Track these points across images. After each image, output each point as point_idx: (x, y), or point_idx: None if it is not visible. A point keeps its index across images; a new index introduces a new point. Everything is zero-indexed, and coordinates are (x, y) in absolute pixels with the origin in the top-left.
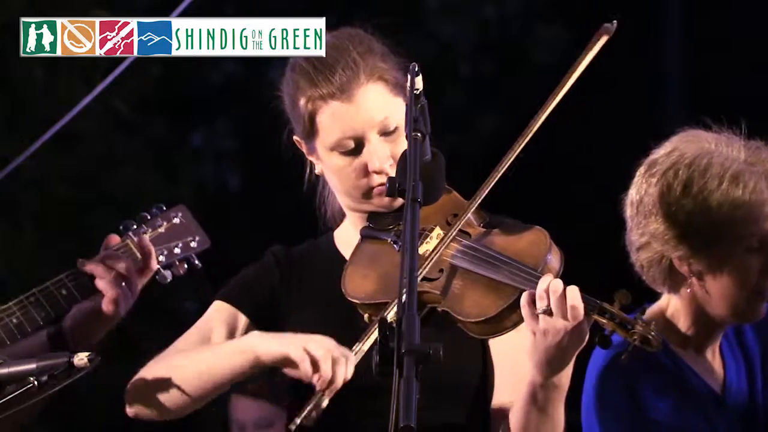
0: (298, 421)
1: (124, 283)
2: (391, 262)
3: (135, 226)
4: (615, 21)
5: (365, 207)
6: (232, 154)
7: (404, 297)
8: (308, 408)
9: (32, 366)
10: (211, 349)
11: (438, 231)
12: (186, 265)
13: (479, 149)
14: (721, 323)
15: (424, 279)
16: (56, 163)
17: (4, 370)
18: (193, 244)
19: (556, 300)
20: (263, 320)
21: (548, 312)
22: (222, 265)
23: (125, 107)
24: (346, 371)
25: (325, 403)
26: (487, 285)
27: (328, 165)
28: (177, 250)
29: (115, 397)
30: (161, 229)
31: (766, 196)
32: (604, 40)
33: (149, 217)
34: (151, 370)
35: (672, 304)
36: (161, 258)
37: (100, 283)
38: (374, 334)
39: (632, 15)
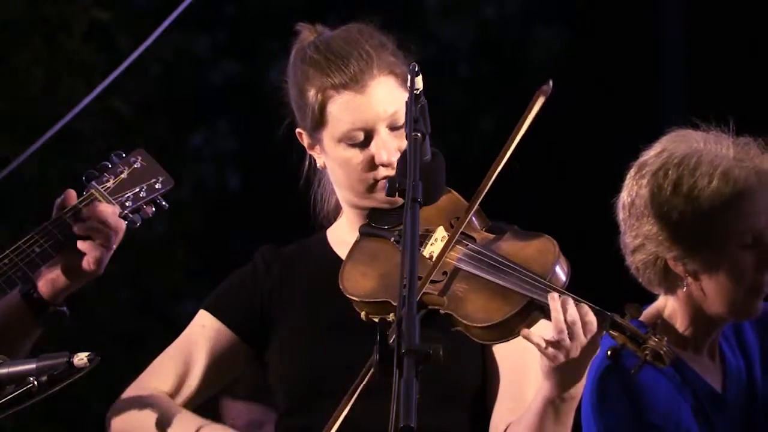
0: None
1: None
2: (392, 261)
3: (98, 176)
4: (551, 81)
5: (367, 202)
6: (232, 154)
7: (404, 297)
8: None
9: (32, 366)
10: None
11: (443, 233)
12: (153, 207)
13: (479, 149)
14: (719, 322)
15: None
16: (57, 163)
17: (4, 370)
18: (157, 186)
19: (575, 328)
20: (249, 330)
21: (568, 338)
22: (222, 265)
23: (126, 107)
24: None
25: None
26: (493, 290)
27: (334, 157)
28: (142, 194)
29: (115, 397)
30: (124, 175)
31: (757, 192)
32: (541, 100)
33: (110, 166)
34: (120, 414)
35: (669, 305)
36: (128, 203)
37: (83, 245)
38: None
39: (631, 16)
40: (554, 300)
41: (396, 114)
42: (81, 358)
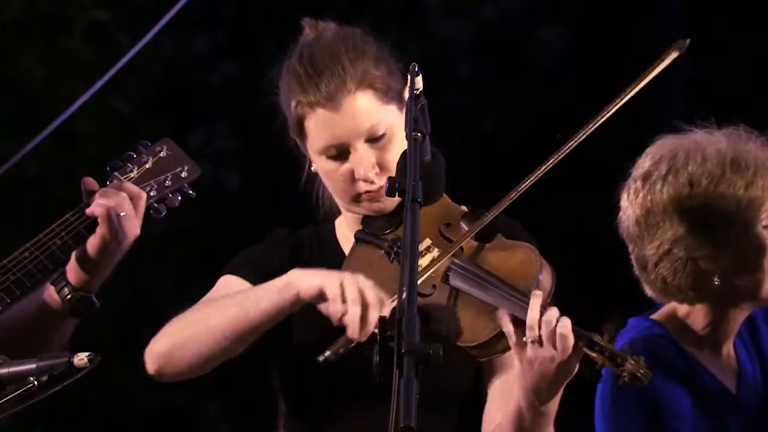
0: (326, 353)
1: (118, 221)
2: (385, 271)
3: (121, 165)
4: (688, 39)
5: (356, 210)
6: (232, 154)
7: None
8: (335, 345)
9: (32, 366)
10: (246, 293)
11: (428, 243)
12: (179, 196)
13: (479, 149)
14: (744, 313)
15: (417, 294)
16: (56, 162)
17: (4, 370)
18: (183, 174)
19: (548, 331)
20: None
21: (538, 342)
22: (220, 264)
23: (126, 107)
24: (377, 316)
25: (353, 343)
26: (478, 307)
27: (319, 167)
28: (168, 183)
29: (115, 397)
30: (148, 165)
31: (765, 170)
32: (674, 55)
33: (134, 155)
34: (179, 323)
35: (685, 305)
36: (152, 192)
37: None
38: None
39: (632, 16)
40: (534, 300)
41: (374, 127)
42: (81, 358)
